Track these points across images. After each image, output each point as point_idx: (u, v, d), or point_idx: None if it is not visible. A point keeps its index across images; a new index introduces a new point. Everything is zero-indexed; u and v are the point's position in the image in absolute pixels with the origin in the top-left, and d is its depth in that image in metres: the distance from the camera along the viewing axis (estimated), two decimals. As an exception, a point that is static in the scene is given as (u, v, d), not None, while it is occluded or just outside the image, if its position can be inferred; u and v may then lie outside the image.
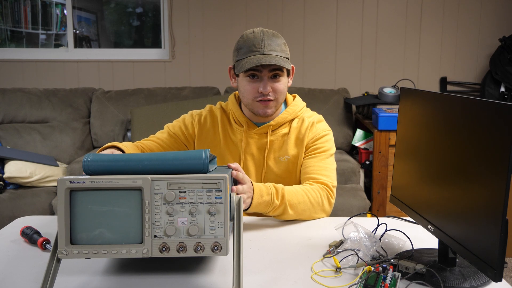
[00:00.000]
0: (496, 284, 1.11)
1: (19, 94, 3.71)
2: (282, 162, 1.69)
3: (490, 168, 0.97)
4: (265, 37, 1.59)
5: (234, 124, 1.72)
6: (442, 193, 1.15)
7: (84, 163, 1.10)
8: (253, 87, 1.61)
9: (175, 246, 1.04)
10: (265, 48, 1.58)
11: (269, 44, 1.58)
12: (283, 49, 1.62)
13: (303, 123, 1.71)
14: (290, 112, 1.71)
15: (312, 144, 1.69)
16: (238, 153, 1.71)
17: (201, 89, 3.87)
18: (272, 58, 1.56)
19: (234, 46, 1.66)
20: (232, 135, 1.72)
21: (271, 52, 1.58)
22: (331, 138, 1.72)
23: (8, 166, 3.16)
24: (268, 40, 1.59)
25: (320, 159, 1.66)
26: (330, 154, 1.69)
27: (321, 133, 1.71)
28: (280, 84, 1.62)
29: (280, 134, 1.70)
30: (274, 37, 1.61)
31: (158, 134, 1.74)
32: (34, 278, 1.15)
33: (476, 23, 4.03)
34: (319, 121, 1.74)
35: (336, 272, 1.19)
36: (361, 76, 4.10)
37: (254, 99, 1.62)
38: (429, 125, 1.23)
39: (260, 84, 1.60)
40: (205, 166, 1.09)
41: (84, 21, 4.43)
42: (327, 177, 1.63)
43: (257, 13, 4.01)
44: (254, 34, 1.61)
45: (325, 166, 1.65)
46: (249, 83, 1.61)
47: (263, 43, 1.58)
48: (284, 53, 1.62)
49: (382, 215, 3.26)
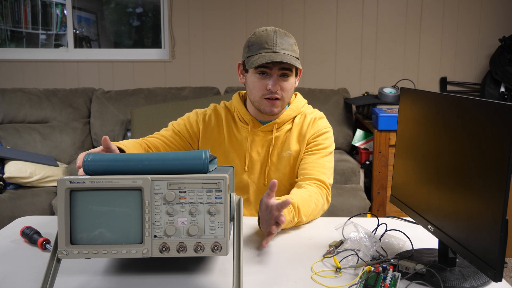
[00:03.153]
0: (496, 284, 1.11)
1: (19, 94, 3.71)
2: (285, 157, 1.71)
3: (490, 168, 0.97)
4: (277, 35, 1.61)
5: (239, 122, 1.74)
6: (442, 193, 1.15)
7: (84, 163, 1.10)
8: (262, 83, 1.62)
9: (175, 246, 1.04)
10: (277, 46, 1.59)
11: (281, 43, 1.60)
12: (294, 49, 1.64)
13: (305, 119, 1.73)
14: (293, 109, 1.74)
15: (313, 140, 1.71)
16: (243, 151, 1.72)
17: (201, 89, 3.87)
18: (284, 57, 1.57)
19: (246, 43, 1.67)
20: (237, 133, 1.73)
21: (282, 51, 1.59)
22: (331, 136, 1.75)
23: (8, 166, 3.16)
24: (280, 39, 1.61)
25: (319, 156, 1.69)
26: (329, 152, 1.72)
27: (322, 129, 1.73)
28: (288, 83, 1.64)
29: (284, 130, 1.73)
30: (286, 36, 1.63)
31: (163, 131, 1.75)
32: (34, 278, 1.15)
33: (476, 23, 4.03)
34: (321, 117, 1.77)
35: (336, 272, 1.19)
36: (361, 76, 4.10)
37: (262, 96, 1.64)
38: (429, 125, 1.23)
39: (269, 82, 1.61)
40: (205, 166, 1.09)
41: (84, 21, 4.43)
42: (324, 175, 1.65)
43: (257, 13, 4.01)
44: (267, 31, 1.62)
45: (323, 164, 1.68)
46: (259, 79, 1.63)
47: (276, 41, 1.60)
48: (295, 53, 1.64)
49: (382, 215, 3.26)
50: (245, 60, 1.65)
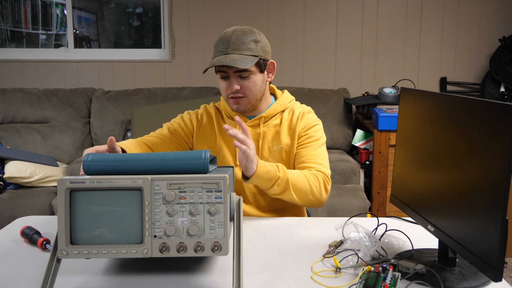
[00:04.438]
0: (496, 284, 1.11)
1: (19, 94, 3.71)
2: (276, 151, 1.73)
3: (490, 168, 0.97)
4: (233, 35, 1.63)
5: (227, 119, 1.78)
6: (442, 194, 1.15)
7: (84, 163, 1.10)
8: (224, 85, 1.68)
9: (175, 246, 1.04)
10: (229, 47, 1.61)
11: (234, 43, 1.61)
12: (250, 47, 1.63)
13: (294, 114, 1.76)
14: (280, 103, 1.77)
15: (304, 134, 1.73)
16: (233, 146, 1.73)
17: (201, 89, 3.87)
18: (230, 58, 1.59)
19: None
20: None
21: (234, 52, 1.61)
22: (321, 128, 1.77)
23: (8, 166, 3.15)
24: (235, 39, 1.62)
25: (313, 148, 1.71)
26: (321, 143, 1.74)
27: (312, 122, 1.75)
28: (248, 82, 1.65)
29: (272, 124, 1.75)
30: (243, 35, 1.63)
31: (158, 131, 1.78)
32: (34, 278, 1.15)
33: (476, 23, 4.03)
34: (309, 111, 1.79)
35: (336, 272, 1.19)
36: (361, 76, 4.10)
37: (227, 96, 1.69)
38: (429, 125, 1.23)
39: (229, 83, 1.66)
40: (205, 166, 1.09)
41: (84, 21, 4.43)
42: (321, 165, 1.68)
43: (257, 13, 4.01)
44: (226, 33, 1.65)
45: (319, 155, 1.70)
46: (221, 81, 1.68)
47: (229, 42, 1.62)
48: (250, 51, 1.63)
49: (382, 215, 3.26)
50: None
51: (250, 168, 1.44)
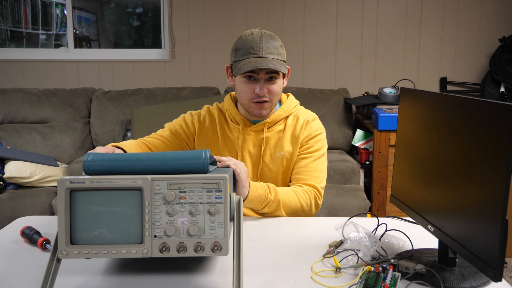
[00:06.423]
0: (496, 284, 1.11)
1: (19, 94, 3.71)
2: (278, 158, 1.73)
3: (490, 168, 0.97)
4: (263, 39, 1.62)
5: (230, 122, 1.77)
6: (442, 193, 1.15)
7: (84, 163, 1.10)
8: (249, 88, 1.64)
9: (175, 246, 1.04)
10: (263, 51, 1.60)
11: (266, 47, 1.61)
12: (280, 52, 1.65)
13: (298, 121, 1.75)
14: (284, 109, 1.75)
15: (306, 143, 1.73)
16: (235, 150, 1.75)
17: (201, 89, 3.87)
18: (269, 62, 1.59)
19: (232, 46, 1.69)
20: (229, 133, 1.76)
21: (268, 55, 1.61)
22: (324, 137, 1.77)
23: (8, 166, 3.15)
24: (266, 43, 1.62)
25: (312, 159, 1.72)
26: (321, 154, 1.74)
27: (315, 131, 1.75)
28: (275, 86, 1.65)
29: (275, 130, 1.75)
30: (271, 39, 1.64)
31: (160, 131, 1.78)
32: (34, 278, 1.15)
33: (476, 23, 4.03)
34: (313, 119, 1.78)
35: (336, 272, 1.19)
36: (361, 76, 4.10)
37: (250, 100, 1.66)
38: (429, 125, 1.23)
39: (256, 86, 1.63)
40: (205, 166, 1.09)
41: (84, 21, 4.43)
42: (316, 178, 1.69)
43: (257, 13, 4.01)
44: (253, 36, 1.63)
45: (316, 167, 1.71)
46: (246, 84, 1.64)
47: (261, 45, 1.61)
48: (281, 56, 1.65)
49: (382, 215, 3.26)
50: (233, 65, 1.67)
51: (242, 193, 1.45)
